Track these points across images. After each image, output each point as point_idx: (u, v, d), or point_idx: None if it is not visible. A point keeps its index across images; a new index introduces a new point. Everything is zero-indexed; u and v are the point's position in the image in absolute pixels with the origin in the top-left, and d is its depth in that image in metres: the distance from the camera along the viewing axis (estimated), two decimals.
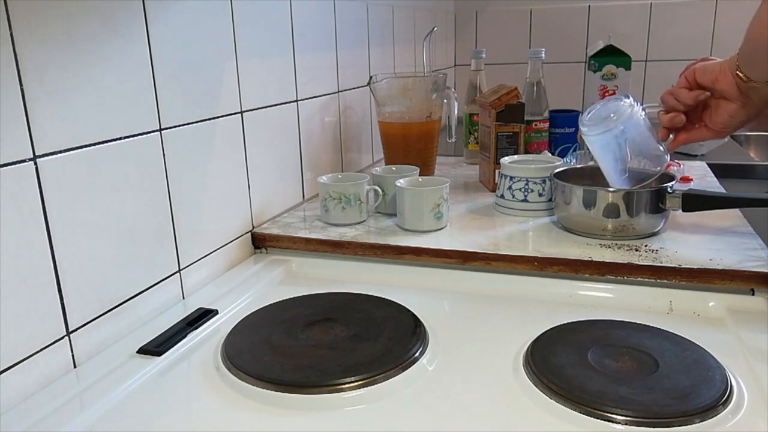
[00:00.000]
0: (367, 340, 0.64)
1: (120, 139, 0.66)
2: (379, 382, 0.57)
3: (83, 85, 0.61)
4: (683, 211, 0.84)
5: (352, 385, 0.56)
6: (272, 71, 0.96)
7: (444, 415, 0.53)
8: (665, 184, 0.85)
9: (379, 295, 0.74)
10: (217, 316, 0.72)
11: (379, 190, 0.97)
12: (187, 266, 0.78)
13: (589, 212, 0.85)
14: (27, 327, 0.56)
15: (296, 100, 1.04)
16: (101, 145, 0.63)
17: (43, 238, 0.57)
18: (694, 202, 0.84)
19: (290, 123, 1.03)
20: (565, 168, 0.96)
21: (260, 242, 0.92)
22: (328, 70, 1.17)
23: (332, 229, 0.93)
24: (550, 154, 1.17)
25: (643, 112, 0.82)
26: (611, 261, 0.77)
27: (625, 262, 0.76)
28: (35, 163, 0.56)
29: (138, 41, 0.68)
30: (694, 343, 0.61)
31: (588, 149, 1.06)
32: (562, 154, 1.24)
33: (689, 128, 0.82)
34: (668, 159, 0.83)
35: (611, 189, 0.85)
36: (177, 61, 0.74)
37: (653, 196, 0.84)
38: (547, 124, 1.25)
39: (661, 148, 0.83)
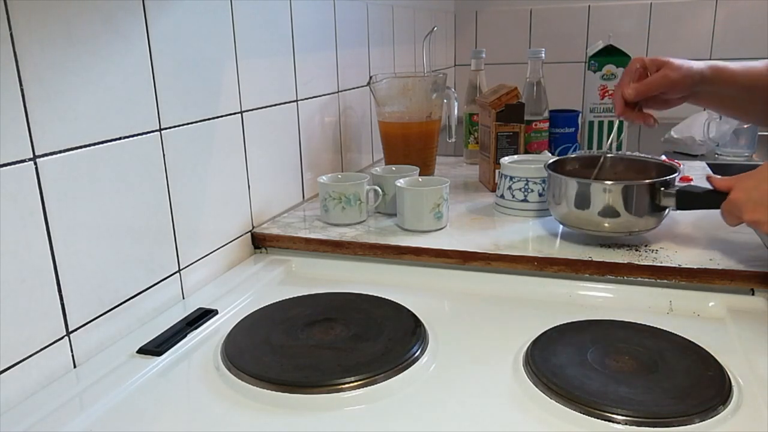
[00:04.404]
0: (367, 340, 0.64)
1: (120, 139, 0.66)
2: (379, 382, 0.57)
3: (83, 85, 0.61)
4: (677, 209, 0.79)
5: (352, 385, 0.56)
6: (272, 71, 0.96)
7: (444, 415, 0.53)
8: (659, 179, 0.80)
9: (379, 295, 0.74)
10: (217, 316, 0.72)
11: (379, 190, 0.97)
12: (187, 266, 0.78)
13: (584, 208, 0.81)
14: (27, 327, 0.56)
15: (296, 100, 1.04)
16: (101, 145, 0.63)
17: (43, 238, 0.57)
18: (689, 200, 0.78)
19: (290, 123, 1.03)
20: (557, 159, 0.93)
21: (260, 242, 0.92)
22: (328, 70, 1.17)
23: (332, 229, 0.93)
24: (550, 154, 1.17)
25: None
26: (611, 261, 0.77)
27: (625, 262, 0.76)
28: (35, 163, 0.56)
29: (138, 41, 0.68)
30: (694, 343, 0.61)
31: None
32: (562, 154, 1.24)
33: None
34: None
35: (608, 183, 0.80)
36: (177, 60, 0.74)
37: (647, 192, 0.80)
38: (547, 124, 1.25)
39: None
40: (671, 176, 0.81)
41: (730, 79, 0.84)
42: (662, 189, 0.79)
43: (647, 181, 0.80)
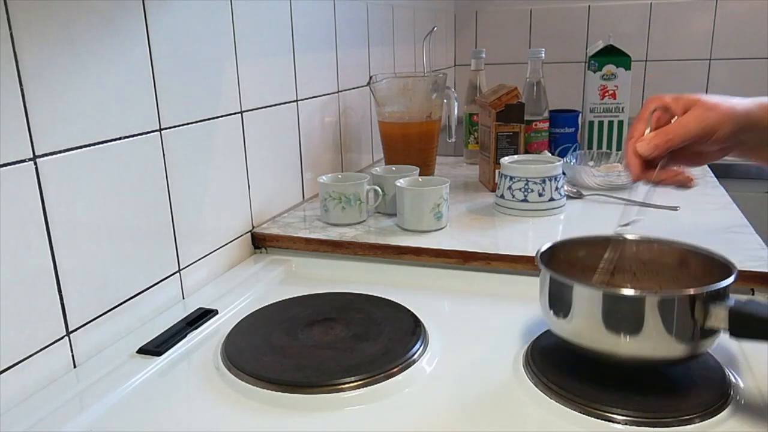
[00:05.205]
0: (367, 340, 0.64)
1: (120, 139, 0.66)
2: (379, 382, 0.57)
3: (83, 85, 0.61)
4: (732, 336, 0.51)
5: (352, 385, 0.56)
6: (272, 71, 0.96)
7: (444, 415, 0.53)
8: (702, 289, 0.51)
9: (379, 295, 0.74)
10: (217, 316, 0.72)
11: (379, 190, 0.97)
12: (187, 266, 0.78)
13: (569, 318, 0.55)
14: (27, 327, 0.56)
15: (296, 100, 1.04)
16: (101, 145, 0.63)
17: (43, 238, 0.57)
18: (751, 325, 0.50)
19: (290, 123, 1.03)
20: (552, 244, 0.62)
21: (260, 242, 0.92)
22: (328, 70, 1.17)
23: (332, 229, 0.93)
24: (550, 154, 1.17)
25: None
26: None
27: None
28: (35, 163, 0.56)
29: (138, 41, 0.68)
30: None
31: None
32: (562, 154, 1.24)
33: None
34: None
35: (629, 293, 0.52)
36: (177, 60, 0.74)
37: (686, 305, 0.50)
38: (547, 124, 1.25)
39: None
40: (724, 283, 0.51)
41: None
42: (710, 306, 0.50)
43: (685, 292, 0.51)
